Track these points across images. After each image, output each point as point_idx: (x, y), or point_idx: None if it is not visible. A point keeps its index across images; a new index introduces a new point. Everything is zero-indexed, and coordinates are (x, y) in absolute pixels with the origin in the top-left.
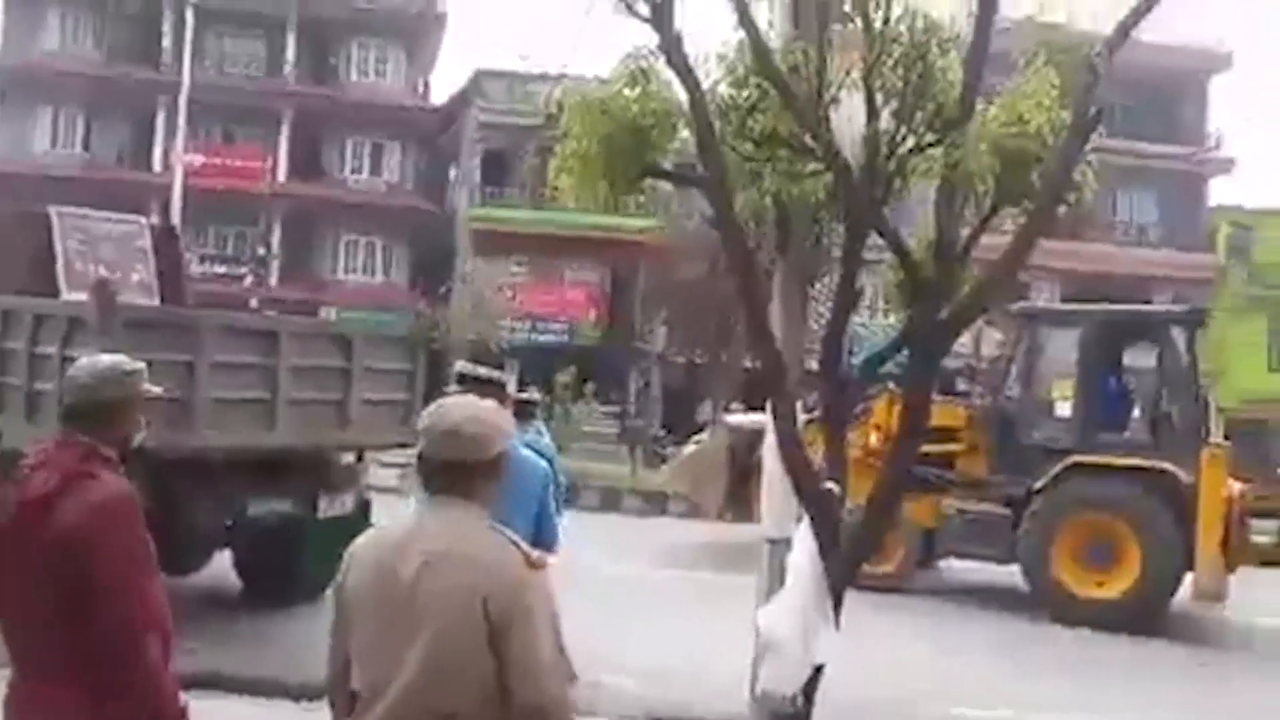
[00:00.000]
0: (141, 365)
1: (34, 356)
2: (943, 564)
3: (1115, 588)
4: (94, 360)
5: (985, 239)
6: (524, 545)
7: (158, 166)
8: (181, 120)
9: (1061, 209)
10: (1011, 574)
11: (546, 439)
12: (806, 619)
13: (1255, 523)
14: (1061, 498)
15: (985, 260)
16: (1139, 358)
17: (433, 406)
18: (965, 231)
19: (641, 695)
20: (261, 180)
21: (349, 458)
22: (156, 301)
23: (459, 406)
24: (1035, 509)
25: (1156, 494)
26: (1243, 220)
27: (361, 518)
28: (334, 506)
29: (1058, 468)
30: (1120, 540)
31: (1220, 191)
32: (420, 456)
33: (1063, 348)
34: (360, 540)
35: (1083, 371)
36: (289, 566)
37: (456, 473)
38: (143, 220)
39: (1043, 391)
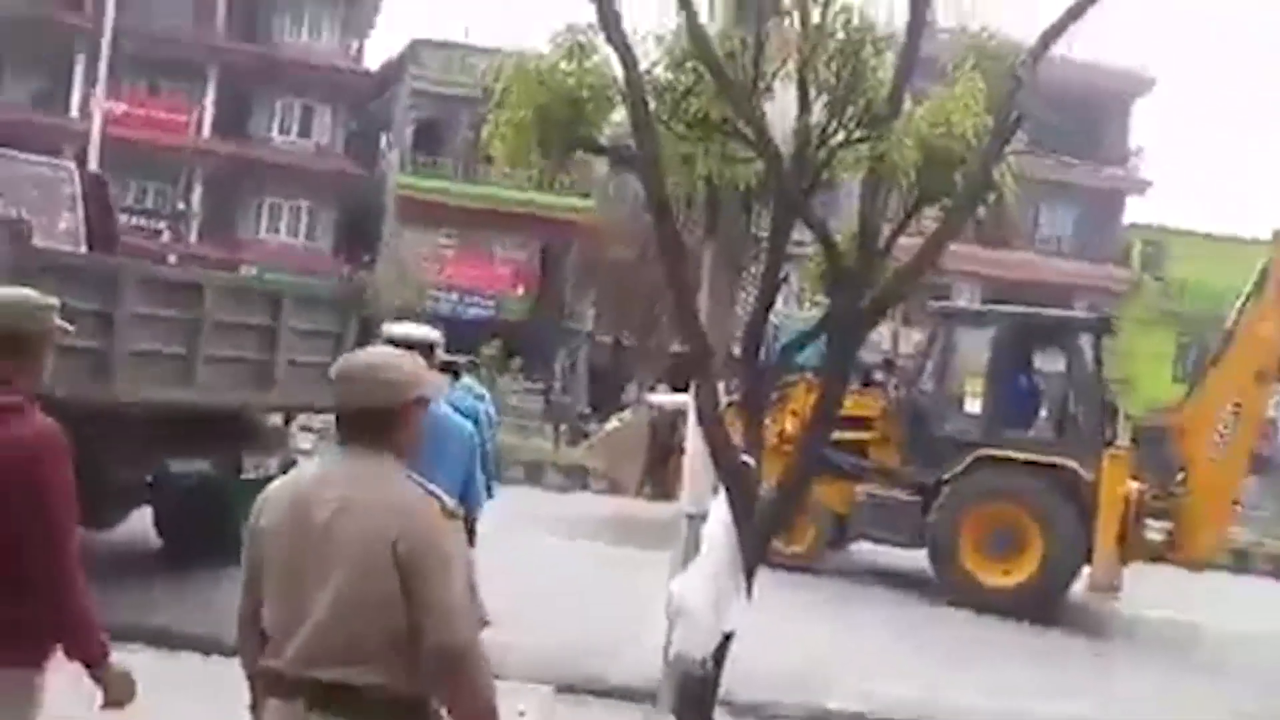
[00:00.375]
0: (54, 300)
1: None
2: (852, 547)
3: (1017, 576)
4: (5, 292)
5: (904, 241)
6: (440, 493)
7: (75, 113)
8: (103, 65)
9: (980, 210)
10: (917, 559)
11: (485, 404)
12: (719, 586)
13: (1150, 521)
14: (969, 488)
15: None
16: (1048, 360)
17: (345, 356)
18: (888, 227)
19: (554, 662)
20: (185, 134)
21: (275, 420)
22: (84, 250)
23: (370, 355)
24: (944, 498)
25: (1059, 489)
26: (1155, 238)
27: None
28: (258, 468)
29: (967, 459)
30: (1023, 531)
31: (1136, 209)
32: (335, 405)
33: (976, 346)
34: (274, 484)
35: (994, 370)
36: (210, 527)
37: (368, 420)
38: (71, 165)
39: (955, 387)
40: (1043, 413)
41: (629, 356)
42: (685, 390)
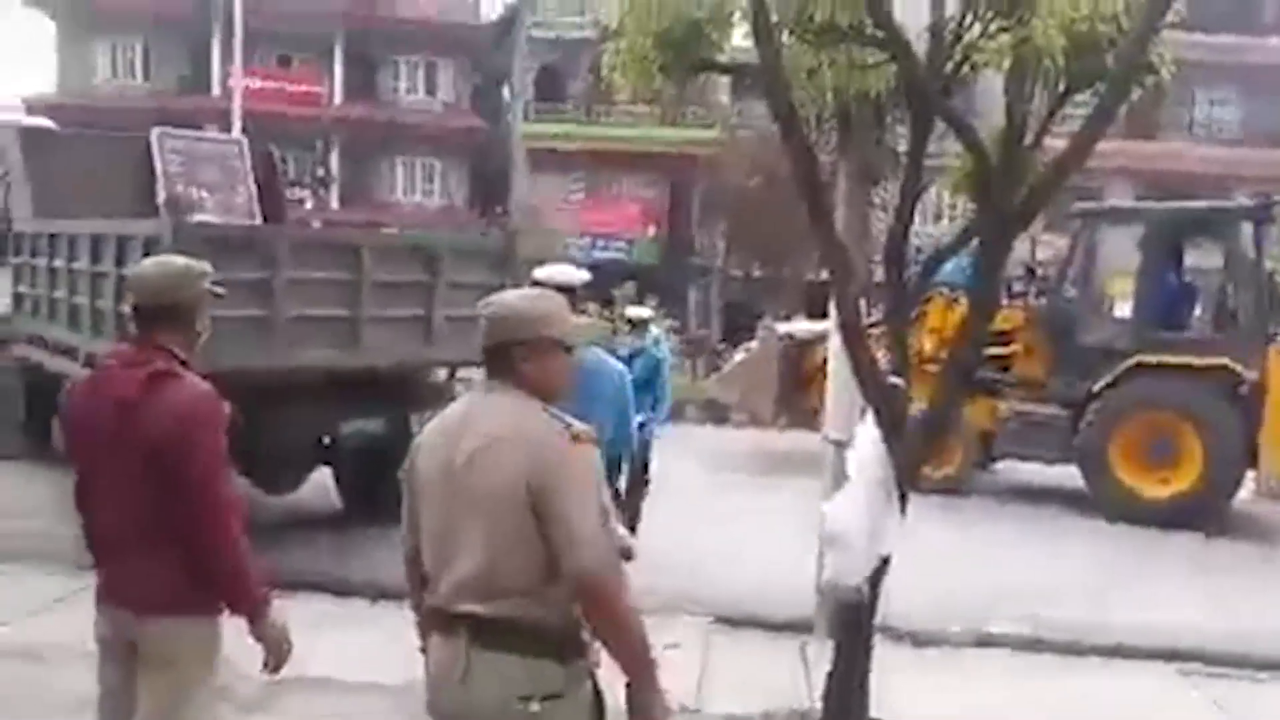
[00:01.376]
0: (207, 266)
1: (122, 278)
2: (998, 466)
3: (1176, 486)
4: (161, 261)
5: (1050, 143)
6: (569, 419)
7: (216, 91)
8: (238, 45)
9: (1136, 95)
10: (1066, 476)
11: (658, 347)
12: (872, 510)
13: None
14: (1122, 398)
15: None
16: (1202, 255)
17: (487, 299)
18: (1035, 122)
19: (707, 593)
20: (318, 103)
21: (439, 375)
22: (258, 221)
23: (505, 294)
24: (1095, 410)
25: (1219, 392)
26: None
27: None
28: (425, 424)
29: (1118, 368)
30: (1182, 439)
31: None
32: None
33: (1123, 246)
34: (426, 427)
35: (1144, 270)
36: (383, 484)
37: (500, 356)
38: (242, 140)
39: (1103, 292)
40: (1198, 312)
41: (762, 289)
42: (823, 318)
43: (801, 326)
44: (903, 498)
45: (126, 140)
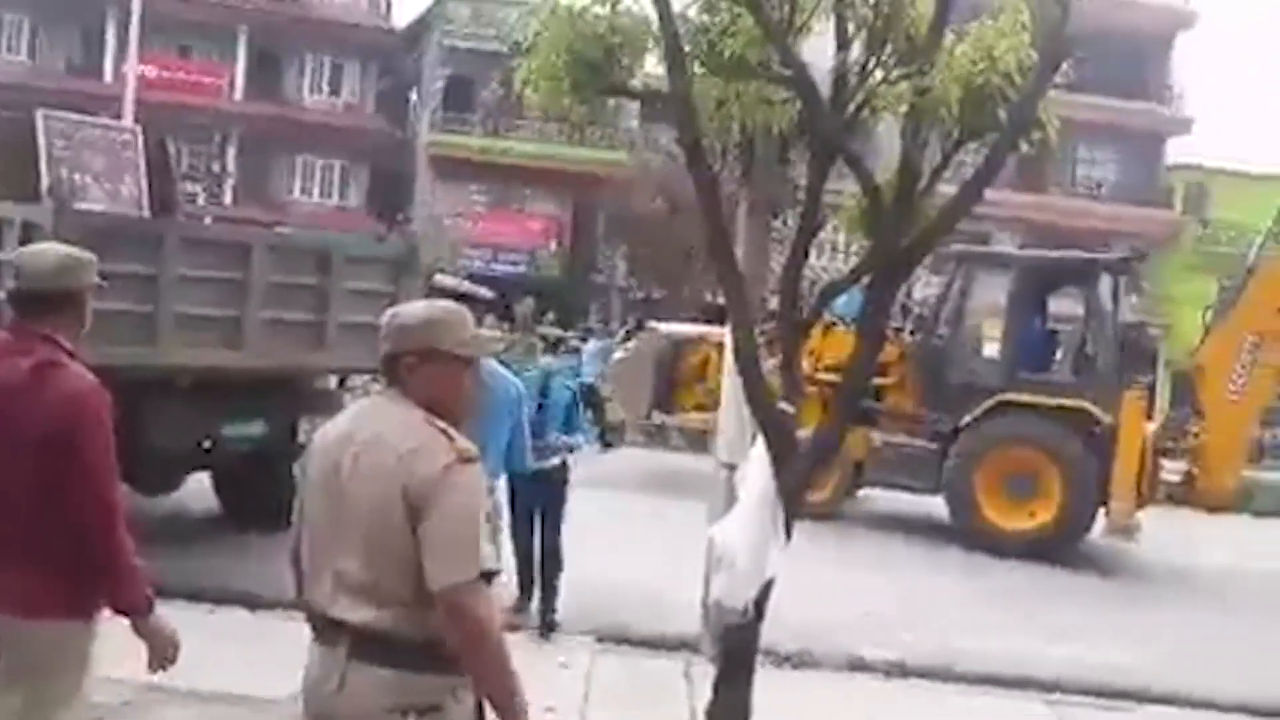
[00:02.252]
0: (91, 256)
1: None
2: (860, 494)
3: (1035, 520)
4: (45, 249)
5: (942, 188)
6: (455, 435)
7: (109, 78)
8: (134, 30)
9: (1024, 147)
10: (925, 505)
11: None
12: (759, 533)
13: (1165, 464)
14: (987, 433)
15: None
16: (1065, 303)
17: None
18: (929, 167)
19: (595, 613)
20: (217, 96)
21: (330, 382)
22: (147, 214)
23: (409, 304)
24: (962, 443)
25: (1077, 433)
26: (1198, 179)
27: None
28: (313, 432)
29: (985, 405)
30: (1041, 476)
31: (1178, 149)
32: None
33: (993, 290)
34: (320, 430)
35: (1011, 314)
36: (266, 490)
37: (390, 364)
38: (136, 129)
39: (973, 332)
40: (1060, 356)
41: (661, 309)
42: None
43: (679, 328)
44: (788, 523)
45: (6, 120)
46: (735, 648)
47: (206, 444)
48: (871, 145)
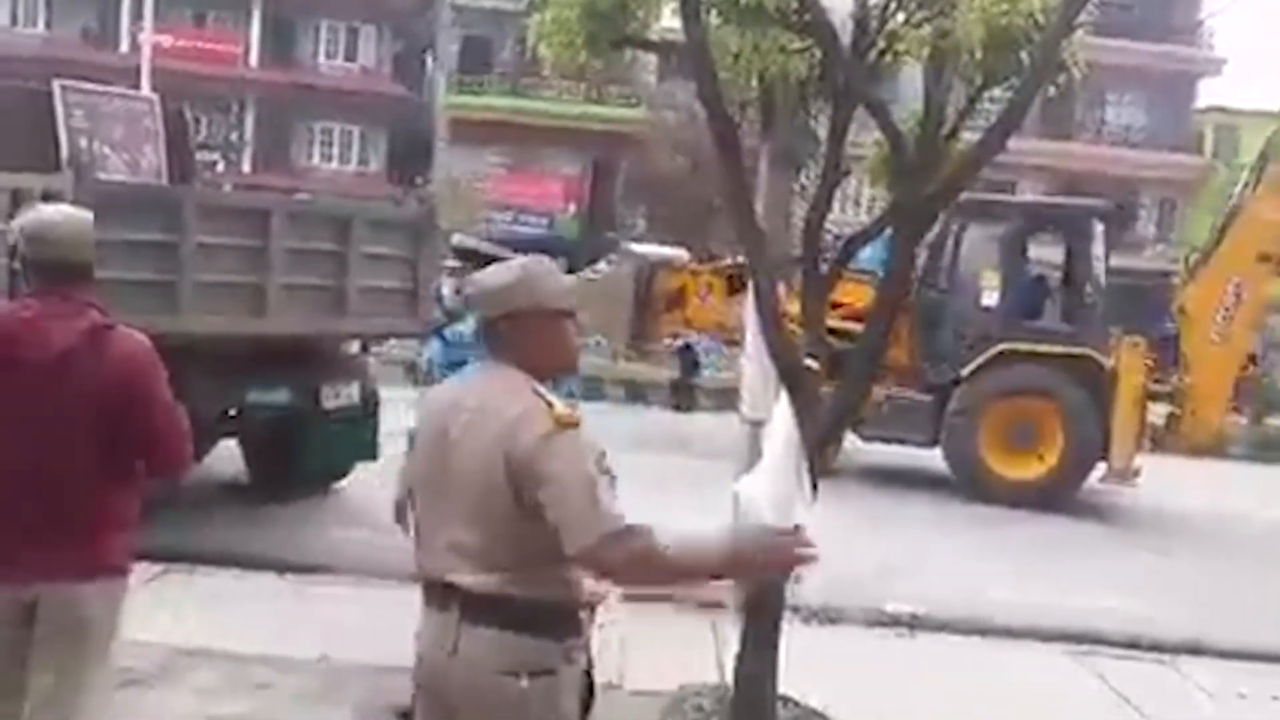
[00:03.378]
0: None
1: (5, 233)
2: (849, 445)
3: (1038, 469)
4: (58, 215)
5: (967, 135)
6: (554, 400)
7: (125, 48)
8: None
9: (1049, 90)
10: (919, 458)
11: None
12: (784, 487)
13: (1151, 406)
14: (988, 384)
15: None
16: (1058, 250)
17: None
18: (953, 112)
19: None
20: (233, 64)
21: (352, 348)
22: (166, 182)
23: (496, 266)
24: (962, 395)
25: (1080, 380)
26: (1228, 121)
27: (368, 410)
28: (337, 398)
29: (986, 355)
30: (1043, 424)
31: (1209, 92)
32: None
33: (988, 239)
34: (433, 389)
35: (1006, 262)
36: (292, 457)
37: (488, 330)
38: (154, 98)
39: (968, 281)
40: (1055, 303)
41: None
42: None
43: (651, 249)
44: (812, 477)
45: (25, 91)
46: (761, 604)
47: (233, 411)
48: (896, 92)
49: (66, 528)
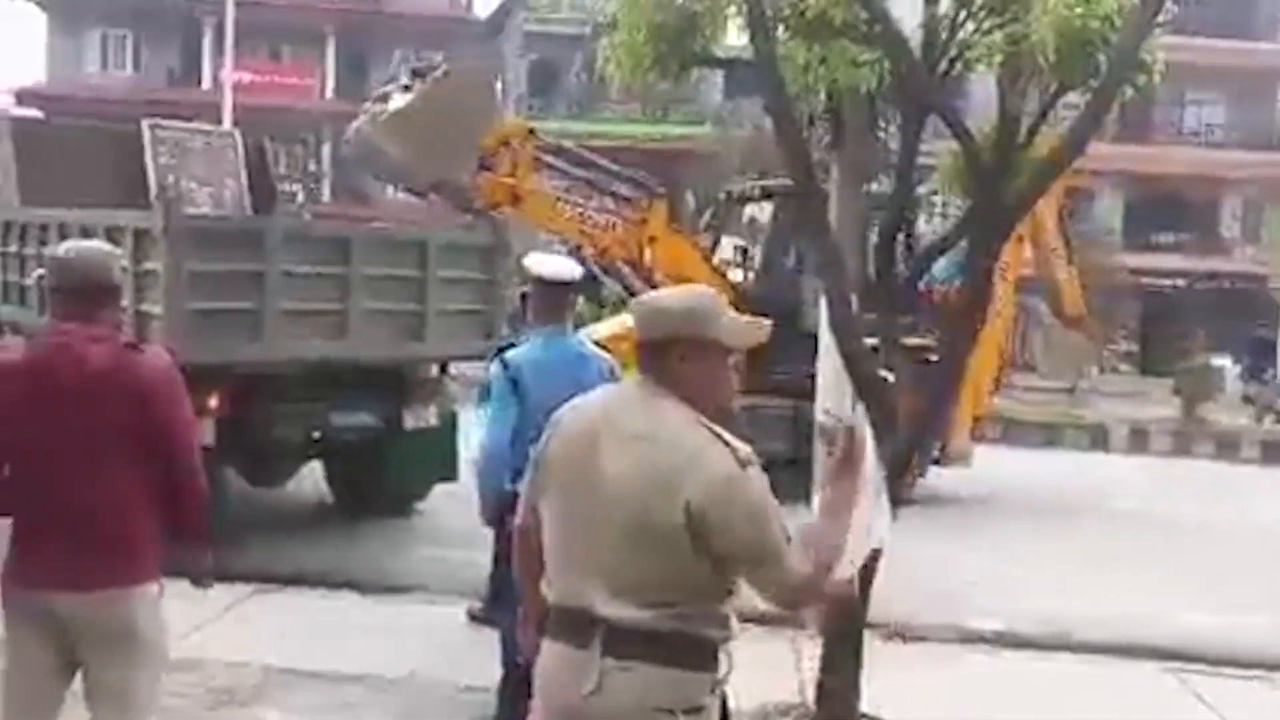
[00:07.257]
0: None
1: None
2: None
3: None
4: (93, 245)
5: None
6: (730, 438)
7: (207, 85)
8: (229, 38)
9: (1128, 91)
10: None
11: None
12: (865, 503)
13: None
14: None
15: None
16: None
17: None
18: (1028, 119)
19: None
20: (309, 97)
21: (431, 370)
22: (248, 215)
23: (668, 290)
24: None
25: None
26: None
27: (448, 431)
28: (418, 419)
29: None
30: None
31: None
32: None
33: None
34: (567, 408)
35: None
36: (374, 479)
37: (657, 352)
38: (235, 134)
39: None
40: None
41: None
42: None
43: None
44: (892, 498)
45: (116, 132)
46: (843, 621)
47: (317, 435)
48: (967, 101)
49: (102, 543)
